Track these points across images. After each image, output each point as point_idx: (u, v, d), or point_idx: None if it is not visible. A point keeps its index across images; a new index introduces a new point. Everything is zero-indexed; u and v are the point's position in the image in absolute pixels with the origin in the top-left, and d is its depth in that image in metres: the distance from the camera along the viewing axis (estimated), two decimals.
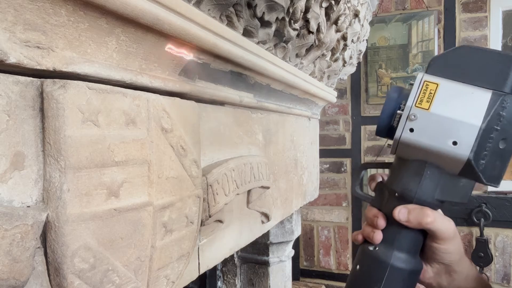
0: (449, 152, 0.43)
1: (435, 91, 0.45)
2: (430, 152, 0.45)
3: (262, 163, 0.90)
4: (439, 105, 0.44)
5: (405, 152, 0.47)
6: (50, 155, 0.38)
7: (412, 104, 0.45)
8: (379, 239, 0.50)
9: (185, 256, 0.60)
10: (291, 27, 0.82)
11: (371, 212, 0.52)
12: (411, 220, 0.47)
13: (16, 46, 0.34)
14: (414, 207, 0.47)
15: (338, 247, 2.82)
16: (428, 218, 0.46)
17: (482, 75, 0.44)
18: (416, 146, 0.45)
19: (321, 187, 2.43)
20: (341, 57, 1.28)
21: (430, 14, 2.51)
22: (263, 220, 0.98)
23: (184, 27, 0.50)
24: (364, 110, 2.73)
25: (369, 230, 0.51)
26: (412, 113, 0.45)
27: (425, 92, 0.45)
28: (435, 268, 0.52)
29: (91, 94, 0.41)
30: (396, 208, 0.48)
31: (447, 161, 0.44)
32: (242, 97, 0.80)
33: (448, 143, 0.43)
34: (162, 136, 0.52)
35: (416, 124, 0.45)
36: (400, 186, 0.49)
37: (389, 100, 0.48)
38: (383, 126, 0.48)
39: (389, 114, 0.48)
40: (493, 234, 2.42)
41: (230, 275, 1.46)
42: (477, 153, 0.42)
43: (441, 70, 0.46)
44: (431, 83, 0.45)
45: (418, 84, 0.45)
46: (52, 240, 0.39)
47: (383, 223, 0.50)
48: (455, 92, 0.44)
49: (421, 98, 0.45)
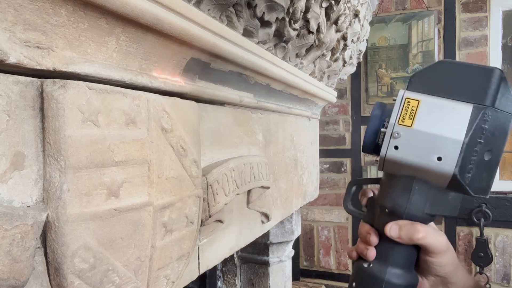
0: (434, 167, 0.44)
1: (416, 108, 0.45)
2: (416, 168, 0.45)
3: (262, 163, 0.90)
4: (422, 121, 0.44)
5: (392, 169, 0.47)
6: (50, 155, 0.38)
7: (395, 122, 0.45)
8: (373, 256, 0.50)
9: (185, 256, 0.60)
10: (291, 27, 0.82)
11: (364, 228, 0.52)
12: (403, 236, 0.47)
13: (16, 46, 0.34)
14: (404, 223, 0.47)
15: (338, 247, 2.82)
16: (419, 233, 0.47)
17: (463, 89, 0.44)
18: (402, 163, 0.45)
19: (321, 187, 2.43)
20: (341, 57, 1.28)
21: (430, 14, 2.51)
22: (263, 220, 0.98)
23: (184, 27, 0.50)
24: (364, 110, 2.73)
25: (362, 247, 0.51)
26: (396, 130, 0.45)
27: (407, 109, 0.45)
28: (431, 281, 0.51)
29: (91, 94, 0.41)
30: (387, 224, 0.48)
31: (433, 176, 0.45)
32: (242, 97, 0.80)
33: (433, 159, 0.43)
34: (162, 136, 0.52)
35: (400, 142, 0.45)
36: (390, 202, 0.49)
37: (373, 118, 0.48)
38: (369, 144, 0.49)
39: (374, 132, 0.48)
40: (493, 234, 2.42)
41: (230, 275, 1.46)
42: (462, 167, 0.43)
43: (422, 86, 0.46)
44: (412, 100, 0.45)
45: (400, 102, 0.46)
46: (52, 240, 0.39)
47: (375, 239, 0.50)
48: (437, 107, 0.44)
49: (403, 115, 0.45)
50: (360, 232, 0.53)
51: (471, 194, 0.44)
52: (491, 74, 0.43)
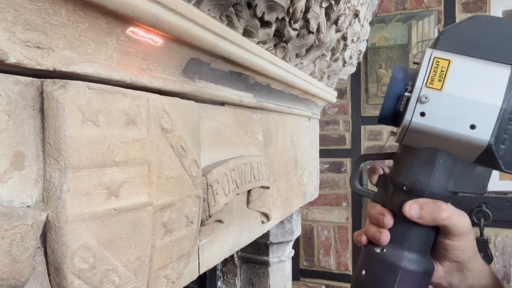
0: (466, 137, 0.39)
1: (447, 69, 0.39)
2: (445, 138, 0.40)
3: (262, 163, 0.90)
4: (453, 84, 0.39)
5: (414, 140, 0.42)
6: (50, 155, 0.38)
7: (422, 85, 0.40)
8: (387, 239, 0.45)
9: (185, 256, 0.60)
10: (291, 27, 0.82)
11: (375, 209, 0.47)
12: (425, 217, 0.42)
13: (16, 46, 0.34)
14: (426, 202, 0.42)
15: (338, 247, 2.82)
16: (444, 213, 0.42)
17: (500, 49, 0.39)
18: (428, 132, 0.40)
19: (321, 187, 2.43)
20: (341, 57, 1.28)
21: (430, 14, 2.51)
22: (263, 220, 0.98)
23: (184, 27, 0.50)
24: (364, 110, 2.73)
25: (374, 230, 0.46)
26: (423, 94, 0.39)
27: (436, 70, 0.40)
28: (446, 267, 0.47)
29: (91, 94, 0.41)
30: (406, 203, 0.43)
31: (463, 148, 0.40)
32: (242, 97, 0.80)
33: (465, 127, 0.39)
34: (162, 136, 0.52)
35: (427, 107, 0.39)
36: (409, 178, 0.43)
37: (394, 81, 0.42)
38: (388, 112, 0.43)
39: (395, 98, 0.42)
40: (493, 234, 2.42)
41: (230, 275, 1.46)
42: (498, 137, 0.38)
43: (452, 45, 0.40)
44: (442, 60, 0.40)
45: (428, 62, 0.40)
46: (52, 240, 0.39)
47: (390, 221, 0.45)
48: (470, 69, 0.39)
49: (432, 77, 0.39)
50: (370, 214, 0.47)
51: (502, 168, 0.39)
52: None
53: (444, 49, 0.40)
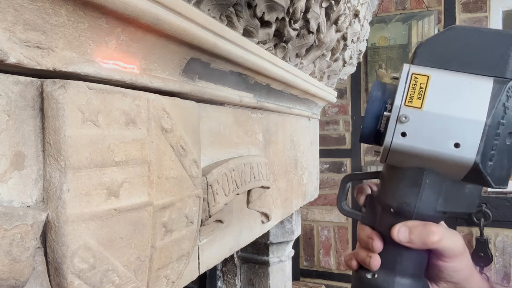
0: (451, 156, 0.37)
1: (426, 85, 0.37)
2: (429, 158, 0.38)
3: (262, 163, 0.90)
4: (434, 101, 0.37)
5: (397, 160, 0.40)
6: (50, 155, 0.38)
7: (401, 104, 0.38)
8: (377, 264, 0.43)
9: (185, 256, 0.60)
10: (291, 27, 0.82)
11: (364, 232, 0.45)
12: (414, 241, 0.40)
13: (16, 46, 0.34)
14: (415, 225, 0.41)
15: (338, 247, 2.82)
16: (434, 236, 0.40)
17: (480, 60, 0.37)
18: (411, 152, 0.38)
19: (321, 187, 2.43)
20: (341, 57, 1.28)
21: (430, 14, 2.51)
22: (263, 220, 0.98)
23: (184, 27, 0.50)
24: (364, 110, 2.73)
25: (364, 255, 0.44)
26: (402, 114, 0.38)
27: (414, 87, 0.38)
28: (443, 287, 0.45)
29: (91, 94, 0.41)
30: (395, 227, 0.41)
31: (449, 167, 0.38)
32: (242, 97, 0.80)
33: (449, 146, 0.37)
34: (162, 136, 0.52)
35: (408, 127, 0.38)
36: (396, 199, 0.42)
37: (372, 99, 0.40)
38: (368, 131, 0.41)
39: (374, 117, 0.41)
40: (493, 234, 2.42)
41: (230, 275, 1.46)
42: (484, 154, 0.36)
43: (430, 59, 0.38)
44: (420, 76, 0.38)
45: (406, 78, 0.38)
46: (52, 240, 0.39)
47: (379, 245, 0.43)
48: (451, 84, 0.37)
49: (411, 95, 0.38)
50: (360, 237, 0.46)
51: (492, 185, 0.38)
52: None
53: (422, 64, 0.39)
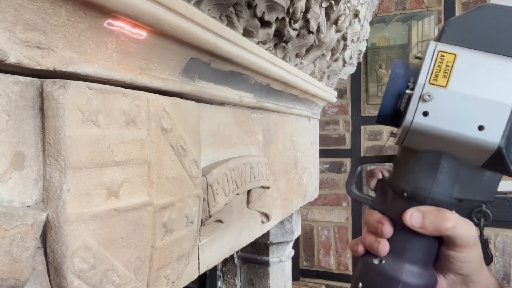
0: (474, 139, 0.35)
1: (452, 64, 0.36)
2: (450, 141, 0.36)
3: (262, 163, 0.90)
4: (460, 81, 0.35)
5: (416, 142, 0.39)
6: (50, 155, 0.38)
7: (425, 81, 0.36)
8: (386, 250, 0.41)
9: (185, 256, 0.60)
10: (291, 27, 0.82)
11: (373, 216, 0.43)
12: (427, 226, 0.39)
13: (16, 46, 0.34)
14: (429, 210, 0.39)
15: (338, 247, 2.82)
16: (449, 222, 0.38)
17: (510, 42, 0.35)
18: (431, 133, 0.37)
19: (321, 187, 2.43)
20: (341, 57, 1.28)
21: (430, 14, 2.51)
22: (263, 220, 0.98)
23: (184, 27, 0.50)
24: (364, 110, 2.73)
25: (372, 240, 0.43)
26: (426, 92, 0.36)
27: (440, 65, 0.36)
28: (450, 280, 0.43)
29: (91, 94, 0.41)
30: (407, 211, 0.40)
31: (470, 151, 0.36)
32: (242, 97, 0.80)
33: (473, 128, 0.35)
34: (162, 136, 0.52)
35: (431, 106, 0.36)
36: (410, 183, 0.40)
37: (394, 77, 0.38)
38: (387, 111, 0.39)
39: (395, 95, 0.38)
40: (493, 234, 2.42)
41: (230, 275, 1.46)
42: (509, 139, 0.34)
43: (458, 37, 0.36)
44: (447, 54, 0.36)
45: (431, 56, 0.36)
46: (52, 240, 0.39)
47: (389, 230, 0.41)
48: (478, 64, 0.35)
49: (436, 73, 0.36)
50: (368, 222, 0.44)
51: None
52: None
53: (450, 42, 0.37)
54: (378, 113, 0.41)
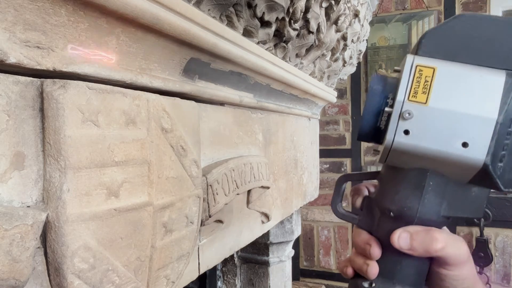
0: (458, 157, 0.34)
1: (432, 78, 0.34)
2: (433, 159, 0.35)
3: (262, 163, 0.90)
4: (440, 96, 0.34)
5: (399, 161, 0.38)
6: (50, 155, 0.38)
7: (404, 98, 0.34)
8: (375, 273, 0.40)
9: (185, 256, 0.60)
10: (291, 27, 0.82)
11: (361, 237, 0.42)
12: (416, 248, 0.38)
13: (16, 46, 0.34)
14: (417, 231, 0.38)
15: (338, 247, 2.82)
16: (438, 243, 0.37)
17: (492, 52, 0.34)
18: (414, 152, 0.35)
19: (321, 187, 2.43)
20: (341, 57, 1.28)
21: (430, 14, 2.51)
22: (263, 220, 0.98)
23: (184, 27, 0.50)
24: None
25: (361, 262, 0.41)
26: (406, 110, 0.34)
27: (419, 80, 0.34)
28: None
29: (91, 94, 0.41)
30: (395, 232, 0.38)
31: (455, 168, 0.35)
32: (242, 97, 0.80)
33: (457, 145, 0.34)
34: (162, 136, 0.52)
35: (412, 124, 0.35)
36: (396, 203, 0.39)
37: (372, 94, 0.37)
38: (367, 129, 0.38)
39: (374, 113, 0.37)
40: (493, 234, 2.42)
41: (230, 275, 1.46)
42: (494, 154, 0.33)
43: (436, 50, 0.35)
44: (425, 68, 0.34)
45: (409, 71, 0.35)
46: (52, 240, 0.39)
47: (377, 252, 0.40)
48: (459, 77, 0.34)
49: (415, 89, 0.34)
50: (356, 243, 0.43)
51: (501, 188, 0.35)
52: None
53: (428, 55, 0.35)
54: (358, 131, 0.39)
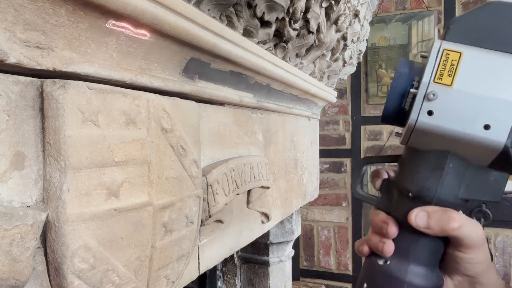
0: (480, 138, 0.35)
1: (458, 62, 0.36)
2: (455, 140, 0.36)
3: (262, 163, 0.90)
4: (465, 79, 0.35)
5: (420, 142, 0.39)
6: (50, 155, 0.38)
7: (429, 80, 0.36)
8: (391, 250, 0.41)
9: (185, 256, 0.60)
10: (291, 27, 0.82)
11: (378, 217, 0.43)
12: (432, 226, 0.38)
13: (16, 46, 0.34)
14: (434, 210, 0.39)
15: (338, 247, 2.82)
16: (455, 223, 0.38)
17: None
18: (436, 133, 0.36)
19: (321, 187, 2.43)
20: (341, 57, 1.28)
21: (430, 14, 2.51)
22: (263, 220, 0.98)
23: (184, 27, 0.50)
24: (364, 110, 2.73)
25: (377, 240, 0.42)
26: (431, 91, 0.36)
27: (445, 64, 0.36)
28: (456, 281, 0.42)
29: (91, 94, 0.41)
30: (412, 211, 0.39)
31: (476, 151, 0.36)
32: (242, 97, 0.80)
33: (478, 127, 0.35)
34: (162, 136, 0.52)
35: (436, 105, 0.36)
36: (415, 184, 0.40)
37: (398, 76, 0.38)
38: (392, 110, 0.39)
39: (400, 94, 0.38)
40: (493, 234, 2.42)
41: (230, 275, 1.46)
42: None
43: (464, 35, 0.36)
44: (452, 52, 0.36)
45: (436, 54, 0.36)
46: (52, 240, 0.39)
47: (394, 230, 0.41)
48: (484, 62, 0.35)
49: (441, 71, 0.36)
50: (373, 222, 0.44)
51: None
52: None
53: (455, 40, 0.36)
54: (383, 113, 0.40)
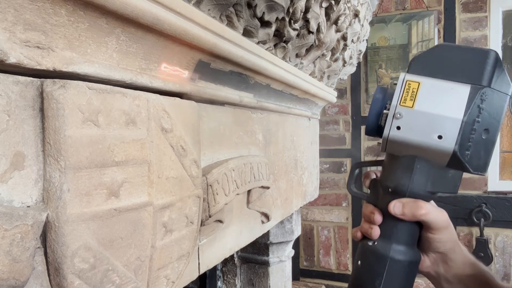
0: (435, 146, 0.46)
1: (417, 89, 0.47)
2: (418, 148, 0.47)
3: (262, 163, 0.90)
4: (422, 102, 0.47)
5: (394, 149, 0.50)
6: (50, 155, 0.38)
7: (396, 103, 0.48)
8: (377, 234, 0.52)
9: (185, 256, 0.60)
10: (291, 27, 0.82)
11: (368, 208, 0.54)
12: (406, 213, 0.50)
13: (16, 46, 0.34)
14: (407, 201, 0.50)
15: (338, 247, 2.82)
16: (422, 210, 0.49)
17: (460, 71, 0.46)
18: (404, 142, 0.48)
19: (321, 187, 2.43)
20: (341, 57, 1.28)
21: (430, 14, 2.51)
22: (263, 220, 0.98)
23: (184, 27, 0.50)
24: (364, 110, 2.73)
25: (367, 227, 0.53)
26: (398, 111, 0.47)
27: (408, 91, 0.47)
28: (432, 258, 0.54)
29: (91, 94, 0.41)
30: (391, 202, 0.50)
31: (434, 155, 0.47)
32: (242, 97, 0.80)
33: (434, 137, 0.46)
34: (162, 136, 0.52)
35: (402, 122, 0.47)
36: (393, 181, 0.51)
37: (375, 101, 0.51)
38: (371, 126, 0.51)
39: (376, 114, 0.50)
40: (493, 234, 2.42)
41: (230, 275, 1.46)
42: (462, 144, 0.45)
43: (421, 69, 0.48)
44: (413, 82, 0.48)
45: (401, 84, 0.48)
46: (52, 240, 0.39)
47: (379, 218, 0.52)
48: (436, 88, 0.46)
49: (405, 97, 0.47)
50: (364, 213, 0.55)
51: (470, 171, 0.46)
52: (487, 55, 0.46)
53: (415, 73, 0.48)
54: (365, 128, 0.53)
